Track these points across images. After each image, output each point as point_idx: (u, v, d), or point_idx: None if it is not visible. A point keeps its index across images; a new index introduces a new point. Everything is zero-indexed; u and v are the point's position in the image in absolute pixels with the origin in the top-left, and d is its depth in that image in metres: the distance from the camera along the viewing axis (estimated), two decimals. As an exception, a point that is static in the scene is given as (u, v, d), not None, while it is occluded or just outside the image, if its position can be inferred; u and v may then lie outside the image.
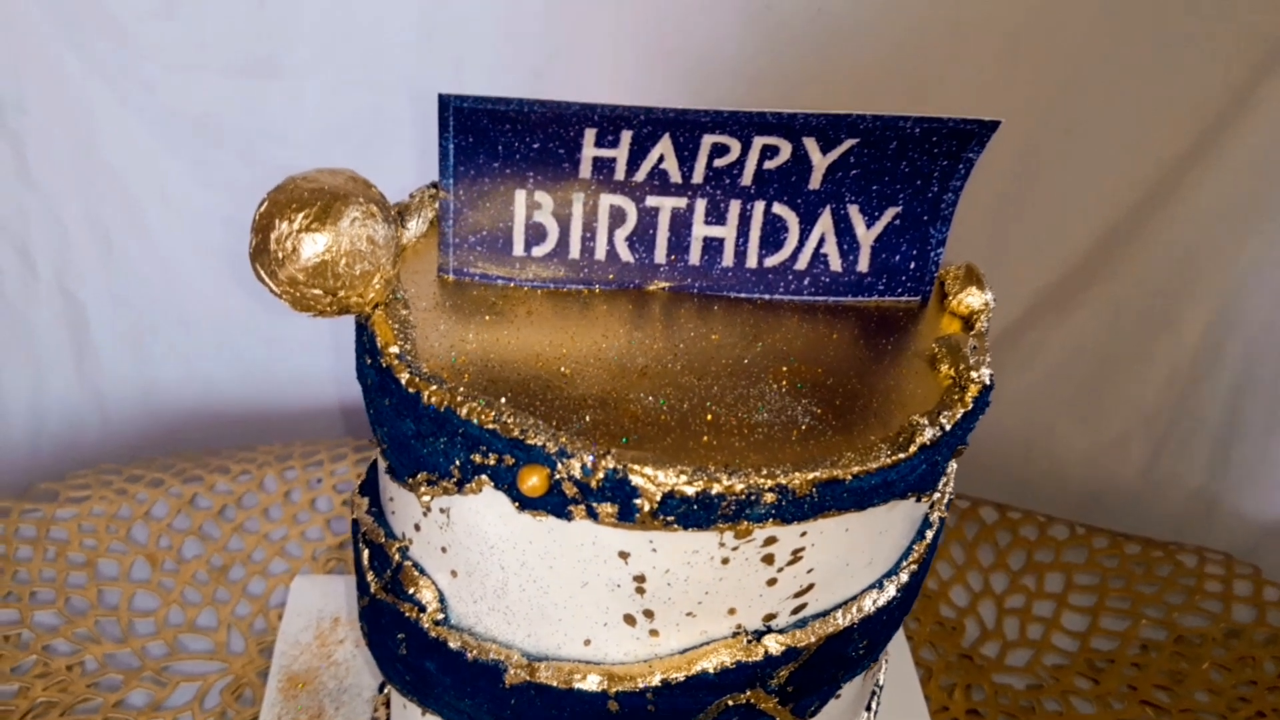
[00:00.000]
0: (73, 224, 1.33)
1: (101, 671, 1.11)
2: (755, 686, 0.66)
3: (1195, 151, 1.28)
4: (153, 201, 1.33)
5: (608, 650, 0.66)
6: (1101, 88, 1.24)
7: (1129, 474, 1.43)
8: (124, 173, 1.31)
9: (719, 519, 0.60)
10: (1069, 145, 1.28)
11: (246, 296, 1.40)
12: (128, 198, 1.32)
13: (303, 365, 1.46)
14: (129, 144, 1.29)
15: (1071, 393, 1.42)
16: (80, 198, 1.31)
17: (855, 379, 0.67)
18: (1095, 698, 1.14)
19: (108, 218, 1.33)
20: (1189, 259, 1.33)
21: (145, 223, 1.34)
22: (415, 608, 0.69)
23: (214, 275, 1.39)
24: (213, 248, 1.37)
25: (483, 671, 0.67)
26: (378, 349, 0.64)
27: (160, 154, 1.31)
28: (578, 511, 0.60)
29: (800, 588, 0.65)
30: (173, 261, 1.37)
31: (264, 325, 1.42)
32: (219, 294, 1.40)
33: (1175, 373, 1.40)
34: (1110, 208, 1.33)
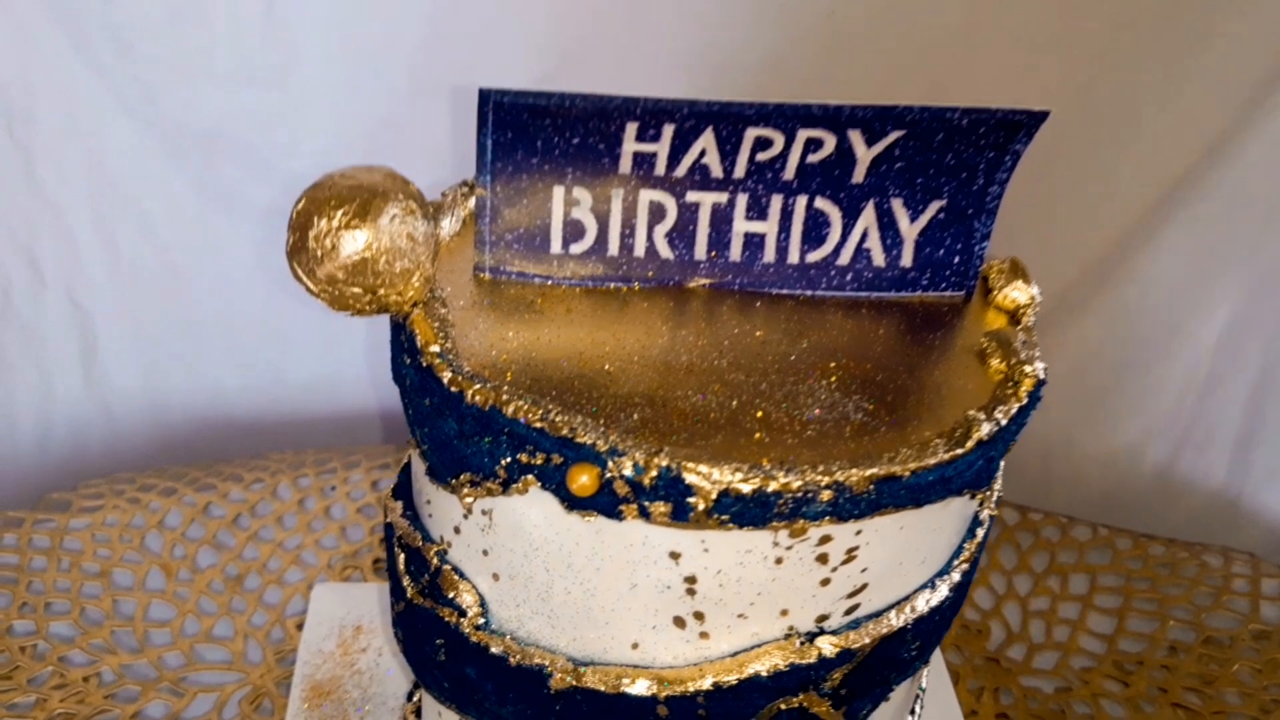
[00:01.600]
0: (81, 235, 1.31)
1: (119, 682, 1.09)
2: (808, 690, 0.64)
3: (1212, 153, 1.26)
4: (161, 212, 1.31)
5: (657, 653, 0.64)
6: (1120, 89, 1.23)
7: (1148, 475, 1.42)
8: (132, 183, 1.30)
9: (774, 517, 0.58)
10: (1083, 147, 1.26)
11: (255, 305, 1.38)
12: (136, 208, 1.30)
13: (313, 373, 1.44)
14: (138, 155, 1.28)
15: (1089, 394, 1.41)
16: (89, 208, 1.29)
17: (905, 374, 0.65)
18: (1125, 700, 1.12)
19: (116, 228, 1.31)
20: (1206, 259, 1.31)
21: (154, 233, 1.33)
22: (455, 612, 0.67)
23: (223, 285, 1.37)
24: (221, 257, 1.34)
25: (526, 677, 0.66)
26: (418, 348, 0.62)
27: (169, 164, 1.29)
28: (629, 511, 0.58)
29: (854, 587, 0.63)
30: (181, 271, 1.35)
31: (273, 334, 1.40)
32: (227, 303, 1.39)
33: (1193, 373, 1.38)
34: (1126, 208, 1.31)
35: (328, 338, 1.41)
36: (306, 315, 1.38)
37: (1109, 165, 1.31)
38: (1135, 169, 1.30)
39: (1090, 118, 1.26)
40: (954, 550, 0.69)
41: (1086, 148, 1.28)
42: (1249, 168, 1.26)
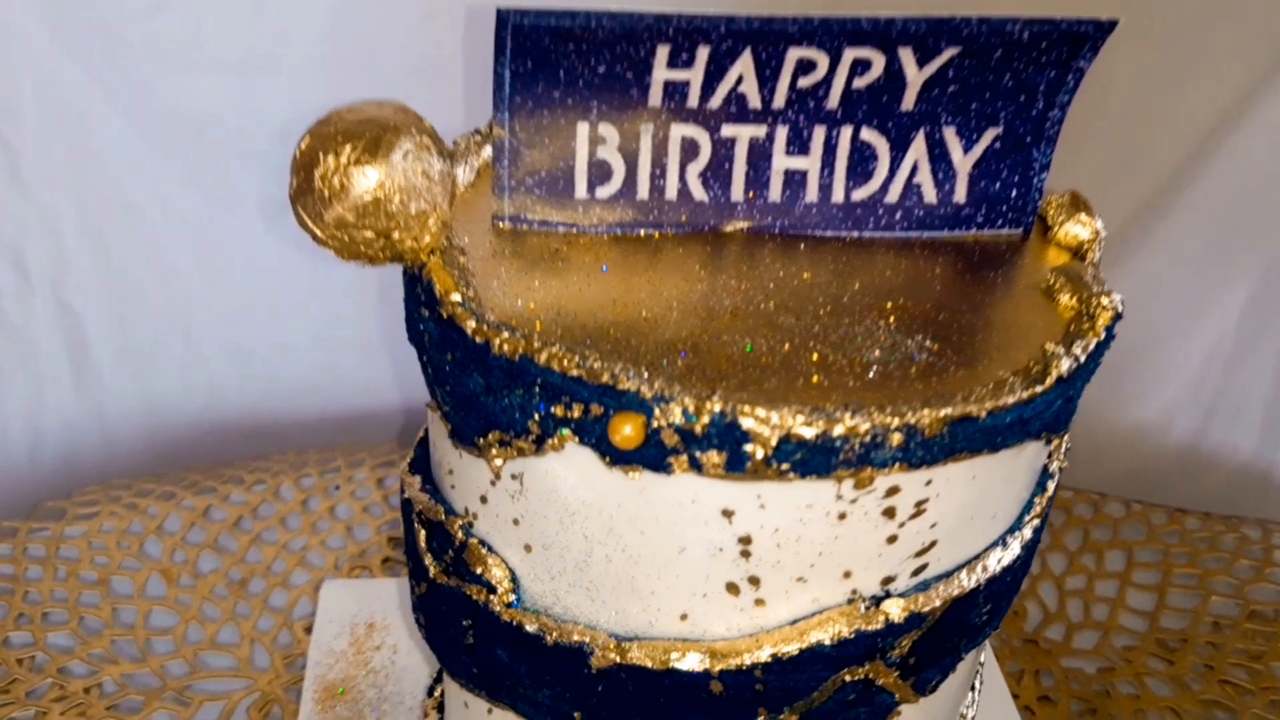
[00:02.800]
0: (69, 234, 1.24)
1: (121, 693, 1.02)
2: (874, 659, 0.57)
3: (1232, 119, 1.20)
4: (151, 208, 1.25)
5: (708, 625, 0.57)
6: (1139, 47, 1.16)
7: (1175, 450, 1.36)
8: (121, 179, 1.23)
9: (839, 466, 0.51)
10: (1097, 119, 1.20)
11: (251, 304, 1.30)
12: (126, 205, 1.24)
13: (312, 374, 1.36)
14: (126, 149, 1.21)
15: (1112, 368, 1.33)
16: (76, 206, 1.22)
17: (968, 313, 0.58)
18: (1171, 679, 1.06)
19: (105, 226, 1.24)
20: (1230, 230, 1.24)
21: (144, 230, 1.26)
22: (483, 589, 0.60)
23: (216, 283, 1.29)
24: (214, 253, 1.27)
25: (564, 656, 0.58)
26: (437, 298, 0.55)
27: (158, 158, 1.23)
28: (678, 464, 0.51)
29: (922, 545, 0.56)
30: (173, 270, 1.28)
31: (270, 333, 1.33)
32: (222, 303, 1.31)
33: (1219, 345, 1.32)
34: (1148, 177, 1.24)
35: (327, 336, 1.34)
36: (305, 313, 1.31)
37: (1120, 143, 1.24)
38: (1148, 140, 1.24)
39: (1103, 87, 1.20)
40: (1025, 505, 0.62)
41: (1096, 121, 1.21)
42: (1266, 134, 1.19)
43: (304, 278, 1.29)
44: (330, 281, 1.30)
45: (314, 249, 1.23)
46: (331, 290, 1.31)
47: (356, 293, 1.32)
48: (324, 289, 1.30)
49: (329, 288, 1.30)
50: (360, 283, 1.31)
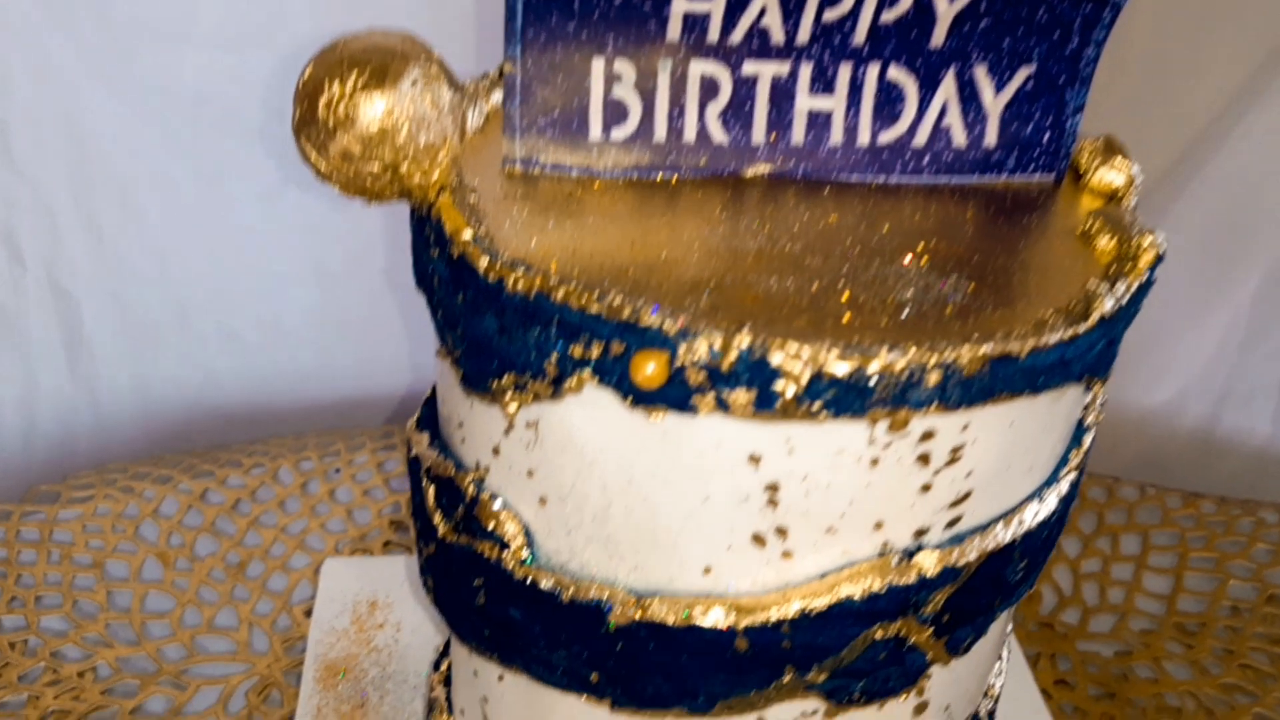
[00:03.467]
0: (62, 213, 1.20)
1: (116, 677, 0.98)
2: (907, 615, 0.54)
3: (1244, 100, 1.16)
4: (146, 187, 1.21)
5: (732, 579, 0.54)
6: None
7: (1187, 435, 1.32)
8: (114, 157, 1.20)
9: (874, 405, 0.48)
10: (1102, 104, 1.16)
11: (249, 287, 1.26)
12: (119, 184, 1.20)
13: (310, 359, 1.33)
14: (118, 126, 1.18)
15: (1123, 352, 1.30)
16: (69, 186, 1.19)
17: (1003, 256, 0.55)
18: (1190, 663, 1.02)
19: (98, 206, 1.21)
20: (1242, 213, 1.21)
21: (138, 210, 1.22)
22: (495, 546, 0.57)
23: (213, 265, 1.25)
24: (211, 234, 1.24)
25: (581, 614, 0.55)
26: (447, 237, 0.52)
27: (152, 135, 1.19)
28: (703, 404, 0.47)
29: (957, 495, 0.53)
30: (168, 251, 1.25)
31: (267, 317, 1.29)
32: (219, 285, 1.27)
33: (1232, 329, 1.28)
34: (1159, 160, 1.22)
35: (325, 321, 1.31)
36: (303, 297, 1.27)
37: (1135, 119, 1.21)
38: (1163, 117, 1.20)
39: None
40: (1060, 459, 0.58)
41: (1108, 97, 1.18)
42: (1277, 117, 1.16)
43: (302, 259, 1.25)
44: (329, 263, 1.26)
45: (313, 229, 1.19)
46: (331, 271, 1.27)
47: (356, 274, 1.28)
48: (323, 270, 1.27)
49: (328, 269, 1.27)
50: (360, 264, 1.27)
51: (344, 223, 1.24)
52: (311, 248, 1.25)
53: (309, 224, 1.23)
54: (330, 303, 1.30)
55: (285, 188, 1.22)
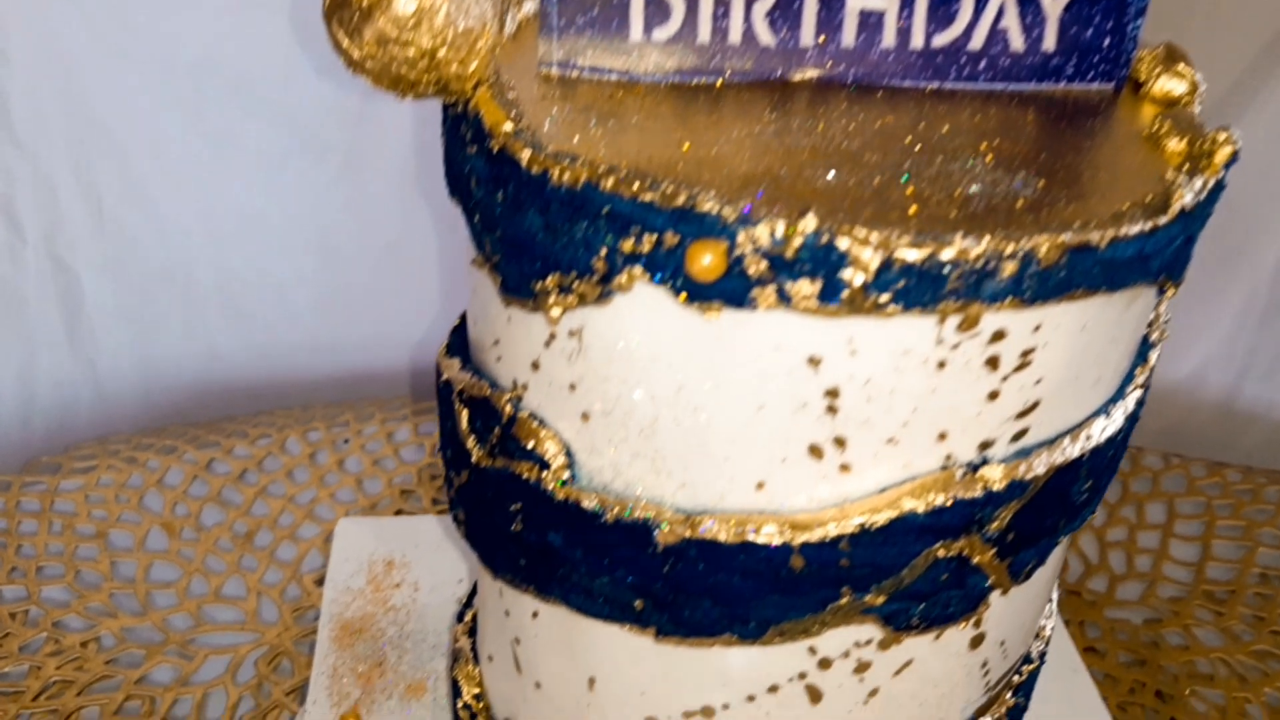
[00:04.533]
0: (62, 184, 1.16)
1: (120, 647, 0.95)
2: (971, 532, 0.50)
3: (1260, 74, 1.12)
4: (147, 157, 1.17)
5: (786, 495, 0.50)
6: None
7: (1210, 407, 1.28)
8: (116, 127, 1.16)
9: (946, 297, 0.44)
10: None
11: (252, 260, 1.22)
12: (120, 155, 1.17)
13: (314, 333, 1.28)
14: (120, 95, 1.14)
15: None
16: (69, 155, 1.15)
17: (1070, 156, 0.51)
18: (1221, 630, 0.98)
19: (99, 177, 1.17)
20: (1262, 183, 1.17)
21: (140, 181, 1.18)
22: (535, 466, 0.53)
23: (216, 237, 1.22)
24: (214, 207, 1.20)
25: (626, 535, 0.51)
26: (486, 131, 0.49)
27: (154, 104, 1.15)
28: (763, 297, 0.44)
29: (1025, 405, 0.49)
30: (170, 223, 1.21)
31: (271, 291, 1.25)
32: (222, 257, 1.24)
33: (1252, 300, 1.24)
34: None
35: (329, 294, 1.27)
36: (307, 270, 1.23)
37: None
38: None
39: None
40: (1126, 375, 0.54)
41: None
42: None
43: (306, 232, 1.21)
44: (335, 234, 1.22)
45: (317, 201, 1.15)
46: (337, 243, 1.23)
47: (361, 248, 1.24)
48: (329, 243, 1.23)
49: (334, 241, 1.23)
50: (365, 237, 1.24)
51: (349, 195, 1.20)
52: (316, 220, 1.21)
53: (313, 196, 1.19)
54: (335, 276, 1.26)
55: (289, 159, 1.18)
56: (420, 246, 1.26)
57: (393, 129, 1.19)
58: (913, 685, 0.58)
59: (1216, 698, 0.94)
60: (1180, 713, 0.93)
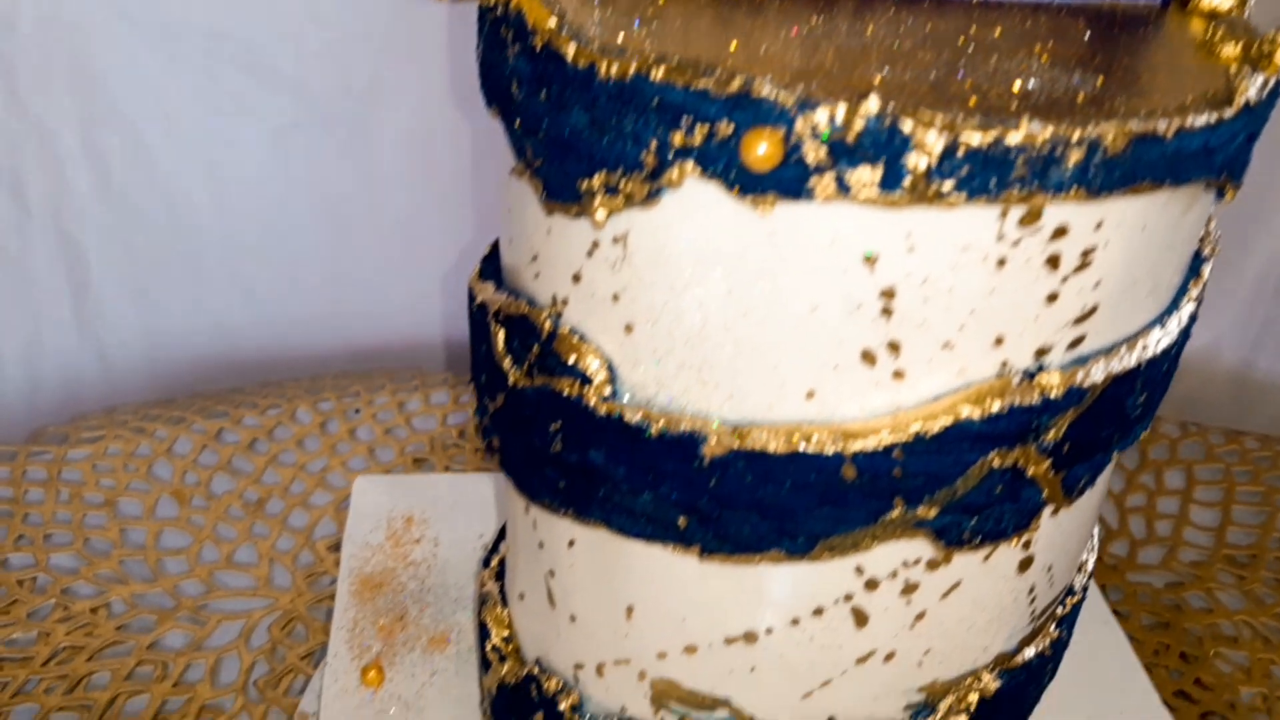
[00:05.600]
0: (68, 155, 1.14)
1: (131, 613, 0.92)
2: (1027, 442, 0.48)
3: None
4: (155, 127, 1.15)
5: (837, 404, 0.48)
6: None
7: (1225, 379, 1.26)
8: (124, 98, 1.14)
9: (1011, 184, 0.42)
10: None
11: (261, 231, 1.20)
12: (128, 126, 1.15)
13: (323, 305, 1.26)
14: (128, 64, 1.13)
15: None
16: (76, 125, 1.13)
17: (1126, 57, 0.49)
18: (1244, 593, 0.96)
19: (107, 147, 1.15)
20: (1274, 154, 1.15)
21: (148, 151, 1.16)
22: (576, 382, 0.51)
23: (225, 208, 1.20)
24: (223, 178, 1.17)
25: (671, 449, 0.49)
26: (529, 29, 0.47)
27: (162, 72, 1.13)
28: (821, 187, 0.42)
29: (1083, 310, 0.47)
30: (179, 194, 1.19)
31: (280, 263, 1.24)
32: (230, 229, 1.21)
33: (1267, 272, 1.22)
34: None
35: (338, 268, 1.24)
36: (316, 243, 1.21)
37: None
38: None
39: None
40: (1180, 288, 0.52)
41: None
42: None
43: (317, 204, 1.19)
44: (344, 209, 1.20)
45: (326, 173, 1.13)
46: (345, 217, 1.21)
47: (372, 220, 1.22)
48: (337, 217, 1.21)
49: (343, 215, 1.21)
50: (374, 209, 1.22)
51: (358, 166, 1.18)
52: (325, 192, 1.19)
53: (322, 168, 1.17)
54: (344, 249, 1.24)
55: (298, 129, 1.16)
56: (430, 218, 1.24)
57: (403, 99, 1.17)
58: (960, 609, 0.56)
59: (1241, 659, 0.93)
60: (1205, 673, 0.91)
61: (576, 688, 0.63)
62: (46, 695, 0.88)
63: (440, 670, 0.77)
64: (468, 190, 1.25)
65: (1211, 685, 0.92)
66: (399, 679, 0.76)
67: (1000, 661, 0.60)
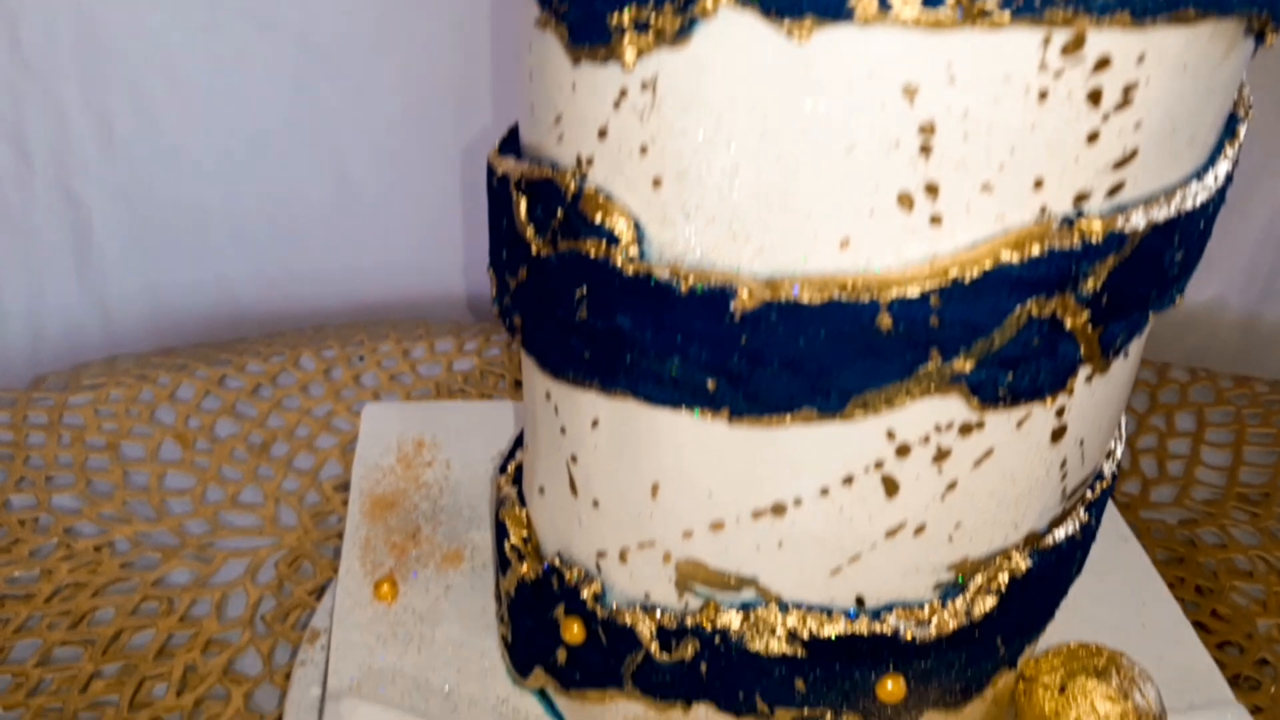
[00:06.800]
0: (71, 111, 1.13)
1: (135, 551, 0.91)
2: (1065, 291, 0.46)
3: None
4: (159, 82, 1.14)
5: (873, 252, 0.47)
6: None
7: (1232, 328, 1.24)
8: (126, 48, 1.13)
9: (1055, 2, 0.39)
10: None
11: (265, 189, 1.18)
12: (131, 80, 1.14)
13: (326, 264, 1.24)
14: (130, 16, 1.10)
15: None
16: (79, 81, 1.11)
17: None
18: (1258, 530, 0.95)
19: (110, 103, 1.14)
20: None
21: (151, 107, 1.15)
22: (602, 242, 0.49)
23: (229, 165, 1.18)
24: (227, 133, 1.16)
25: (701, 307, 0.48)
26: None
27: (166, 26, 1.11)
28: (862, 5, 0.41)
29: (1123, 153, 0.47)
30: (182, 150, 1.17)
31: (283, 221, 1.22)
32: (235, 187, 1.20)
33: (1274, 221, 1.21)
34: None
35: (341, 225, 1.23)
36: (319, 200, 1.19)
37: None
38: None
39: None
40: (1216, 145, 0.51)
41: None
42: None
43: (322, 157, 1.18)
44: (349, 165, 1.19)
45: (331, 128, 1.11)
46: (350, 175, 1.19)
47: (375, 176, 1.21)
48: (343, 174, 1.19)
49: (348, 172, 1.19)
50: (379, 165, 1.20)
51: (363, 122, 1.16)
52: (330, 147, 1.18)
53: (327, 123, 1.15)
54: (349, 204, 1.22)
55: (303, 84, 1.15)
56: (437, 174, 1.23)
57: (409, 50, 1.15)
58: (992, 480, 0.54)
59: (1256, 592, 0.91)
60: (1222, 605, 0.90)
61: (599, 576, 0.62)
62: (49, 631, 0.86)
63: (455, 585, 0.76)
64: (476, 144, 1.23)
65: (1228, 617, 0.90)
66: (412, 594, 0.75)
67: (1031, 541, 0.58)
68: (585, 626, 0.62)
